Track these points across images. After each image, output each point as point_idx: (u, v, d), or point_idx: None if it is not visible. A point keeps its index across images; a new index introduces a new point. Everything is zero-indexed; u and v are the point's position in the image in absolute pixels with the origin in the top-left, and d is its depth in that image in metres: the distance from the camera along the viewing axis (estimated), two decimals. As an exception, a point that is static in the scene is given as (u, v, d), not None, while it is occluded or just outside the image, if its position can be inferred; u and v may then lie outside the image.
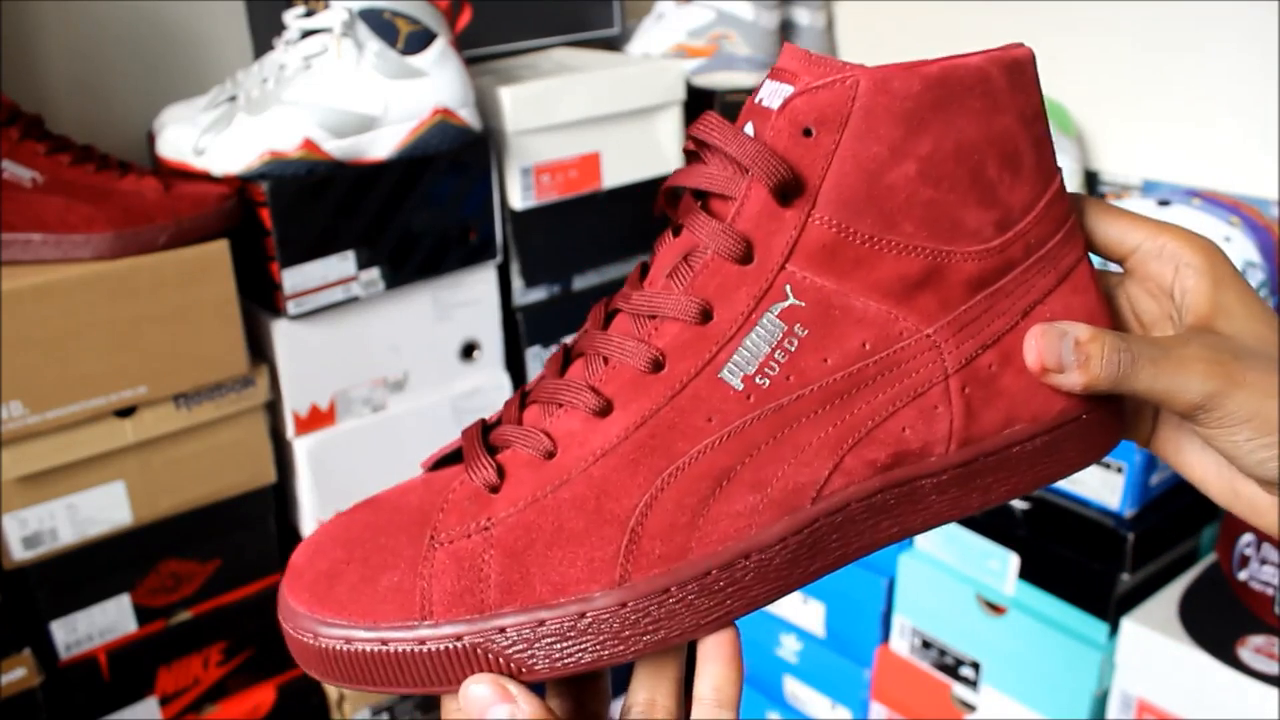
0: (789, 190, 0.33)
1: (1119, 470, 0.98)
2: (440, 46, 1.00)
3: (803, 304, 0.33)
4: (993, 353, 0.34)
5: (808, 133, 0.32)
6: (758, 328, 0.33)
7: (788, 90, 0.33)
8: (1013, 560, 1.06)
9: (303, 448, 1.05)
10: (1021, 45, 0.34)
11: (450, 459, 0.38)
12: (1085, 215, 0.39)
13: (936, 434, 0.34)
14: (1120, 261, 0.40)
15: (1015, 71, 0.34)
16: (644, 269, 0.38)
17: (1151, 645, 0.95)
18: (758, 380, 0.33)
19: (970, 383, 0.34)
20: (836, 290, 0.33)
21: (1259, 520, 0.37)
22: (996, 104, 0.33)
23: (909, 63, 0.32)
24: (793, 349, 0.33)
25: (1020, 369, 0.35)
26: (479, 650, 0.32)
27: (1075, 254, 0.37)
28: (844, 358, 0.33)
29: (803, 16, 1.36)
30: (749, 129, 0.34)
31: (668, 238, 0.37)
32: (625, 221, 1.21)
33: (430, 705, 1.21)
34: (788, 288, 0.33)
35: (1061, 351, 0.34)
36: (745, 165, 0.33)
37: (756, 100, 0.35)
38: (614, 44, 1.37)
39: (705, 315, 0.33)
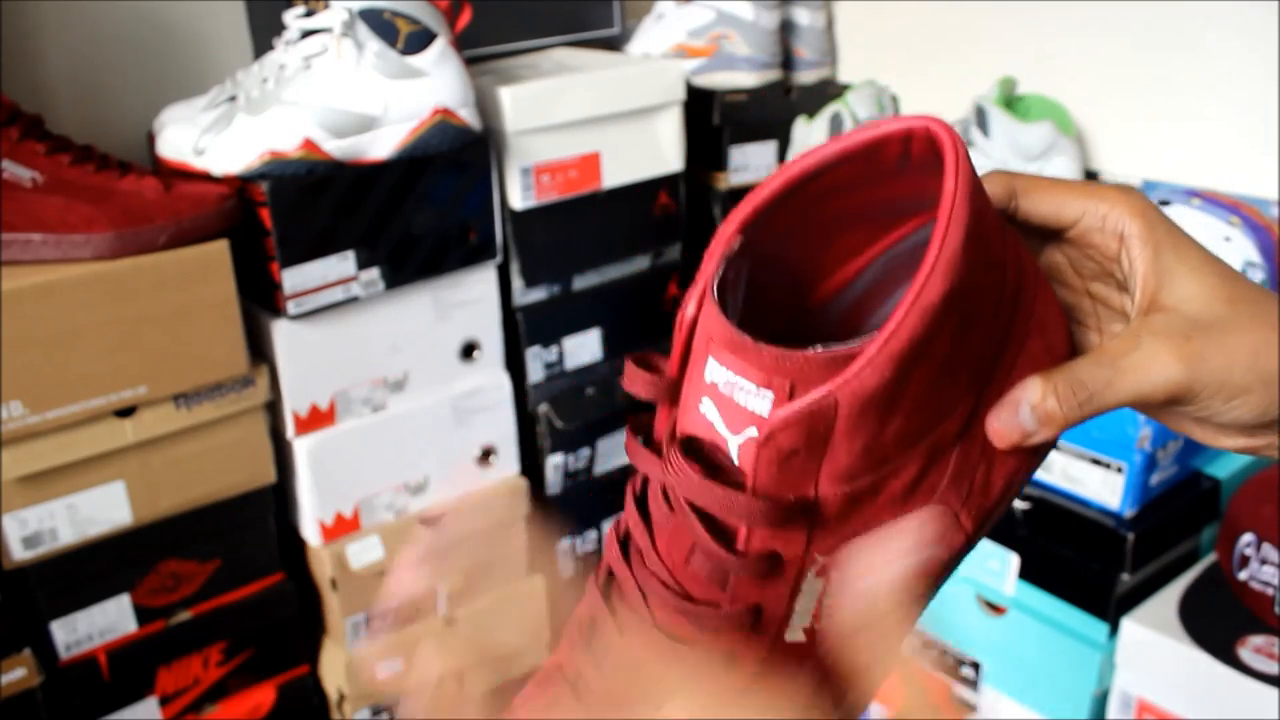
0: (791, 512, 0.33)
1: (1119, 470, 0.98)
2: (440, 46, 1.00)
3: (830, 557, 0.34)
4: (983, 463, 0.35)
5: (795, 454, 0.32)
6: (801, 596, 0.34)
7: (758, 399, 0.32)
8: (1013, 560, 1.06)
9: (303, 448, 1.05)
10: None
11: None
12: (1019, 198, 0.39)
13: (957, 543, 0.36)
14: (1062, 233, 0.39)
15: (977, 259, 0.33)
16: (649, 527, 0.37)
17: (1151, 645, 0.95)
18: (817, 625, 0.35)
19: (975, 501, 0.36)
20: (856, 536, 0.34)
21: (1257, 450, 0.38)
22: (972, 314, 0.33)
23: (877, 345, 0.30)
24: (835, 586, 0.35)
25: (999, 459, 0.36)
26: None
27: (1027, 308, 0.36)
28: None
29: (803, 16, 1.36)
30: (713, 413, 0.33)
31: (670, 517, 0.36)
32: (625, 221, 1.21)
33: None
34: (818, 555, 0.34)
35: (1022, 423, 0.35)
36: (743, 520, 0.33)
37: (710, 383, 0.33)
38: (614, 44, 1.37)
39: (756, 615, 0.35)
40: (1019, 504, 1.05)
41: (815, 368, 0.31)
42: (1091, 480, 1.00)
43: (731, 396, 0.33)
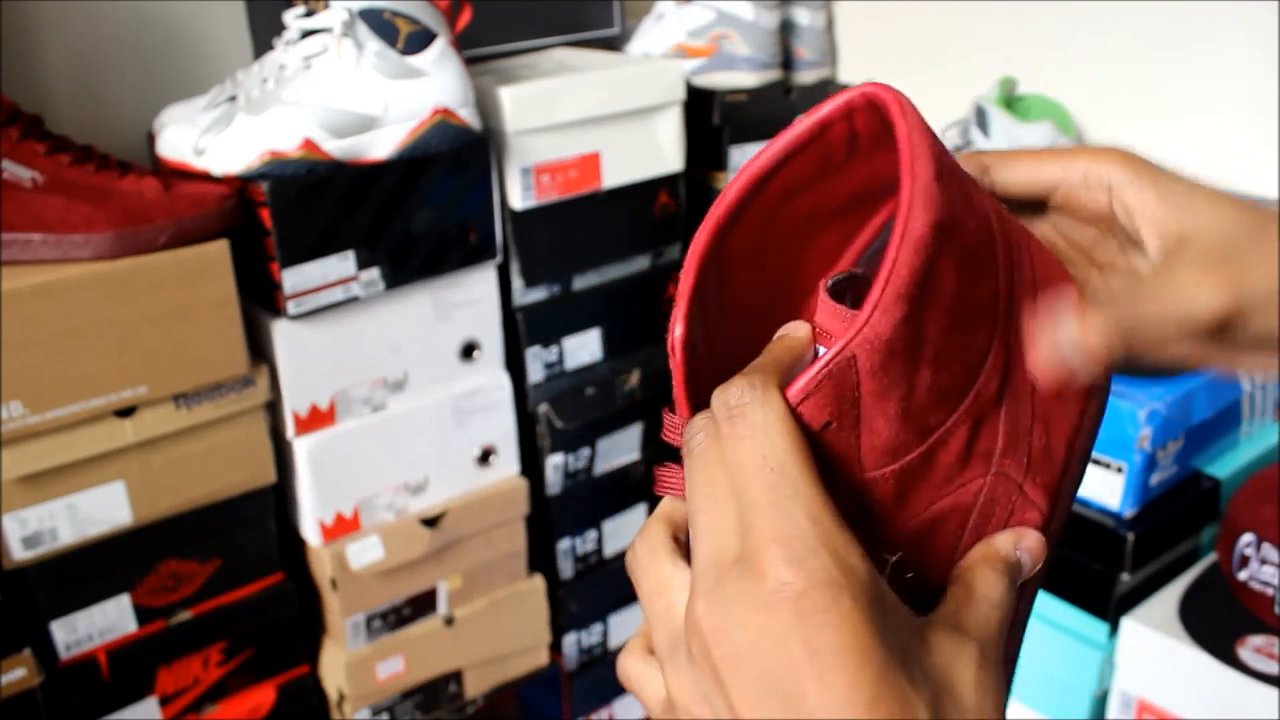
0: (849, 493, 0.31)
1: (1119, 470, 0.98)
2: (440, 46, 1.00)
3: (899, 554, 0.32)
4: (1037, 425, 0.33)
5: (829, 427, 0.30)
6: None
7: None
8: (1013, 560, 1.06)
9: (303, 448, 1.05)
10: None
11: None
12: (992, 173, 0.37)
13: (1034, 522, 0.34)
14: (1045, 201, 0.38)
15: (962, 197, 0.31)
16: None
17: (1151, 645, 0.95)
18: None
19: (1039, 470, 0.34)
20: (916, 519, 0.32)
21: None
22: (969, 255, 0.31)
23: (879, 287, 0.29)
24: (909, 590, 0.32)
25: (1055, 420, 0.34)
26: None
27: (1027, 260, 0.34)
28: (947, 556, 0.33)
29: (803, 16, 1.36)
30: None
31: None
32: (625, 221, 1.21)
33: (430, 705, 1.21)
34: (885, 556, 0.32)
35: (1066, 360, 0.33)
36: None
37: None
38: (614, 44, 1.37)
39: None
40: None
41: (837, 323, 0.30)
42: (1091, 480, 1.00)
43: None
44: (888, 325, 0.29)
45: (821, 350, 0.32)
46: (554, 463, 1.23)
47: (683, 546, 0.33)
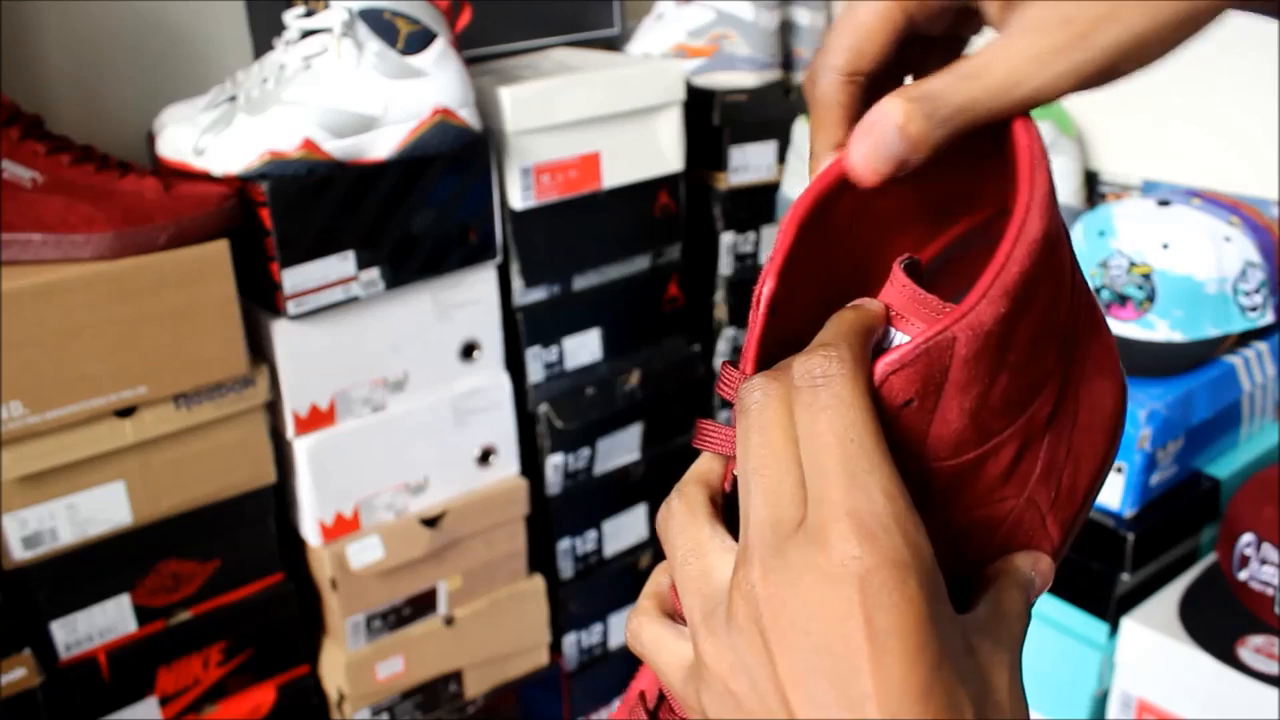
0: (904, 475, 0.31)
1: (1119, 470, 0.98)
2: (440, 46, 1.00)
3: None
4: (1069, 462, 0.33)
5: (909, 404, 0.30)
6: None
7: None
8: (1013, 560, 1.06)
9: (303, 448, 1.05)
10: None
11: None
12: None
13: (1045, 552, 0.34)
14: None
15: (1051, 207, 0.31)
16: None
17: (1151, 645, 0.95)
18: None
19: (1062, 505, 0.33)
20: (954, 527, 0.32)
21: None
22: (1059, 275, 0.31)
23: (990, 276, 0.29)
24: None
25: (1085, 462, 0.34)
26: None
27: (1087, 303, 0.34)
28: (968, 570, 0.33)
29: (803, 16, 1.36)
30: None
31: None
32: (625, 221, 1.21)
33: (430, 705, 1.21)
34: None
35: (890, 149, 0.30)
36: None
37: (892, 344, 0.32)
38: (614, 44, 1.37)
39: None
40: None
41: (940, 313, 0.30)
42: (1091, 480, 1.00)
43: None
44: (991, 317, 0.29)
45: (894, 332, 0.32)
46: (554, 463, 1.23)
47: (719, 509, 0.32)
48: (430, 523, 1.14)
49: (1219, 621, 0.94)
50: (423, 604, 1.18)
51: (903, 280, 0.32)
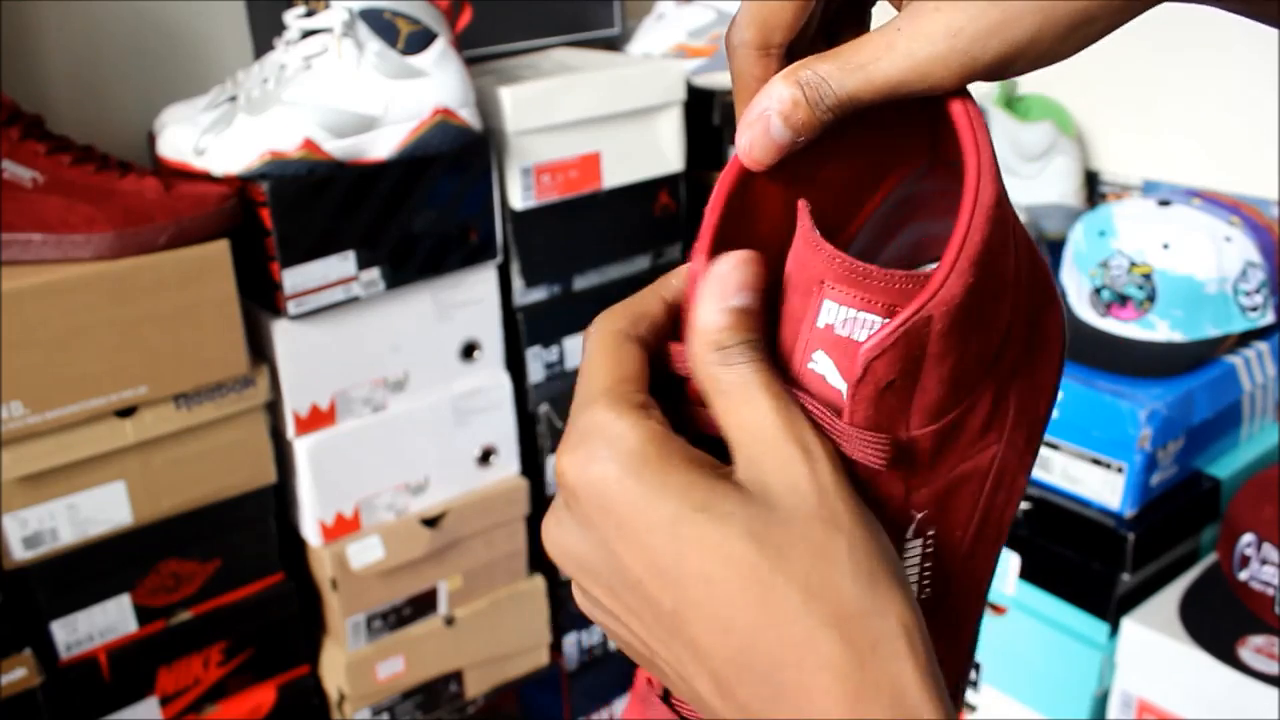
0: (892, 458, 0.32)
1: (1119, 470, 0.98)
2: (440, 46, 1.00)
3: (926, 510, 0.33)
4: (1038, 401, 0.35)
5: (891, 386, 0.30)
6: (906, 562, 0.33)
7: (862, 321, 0.31)
8: (1013, 560, 1.06)
9: (303, 448, 1.05)
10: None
11: None
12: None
13: (1023, 487, 0.35)
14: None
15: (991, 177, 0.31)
16: None
17: (1151, 645, 0.95)
18: (922, 596, 0.34)
19: (1035, 438, 0.35)
20: (943, 479, 0.33)
21: None
22: (1006, 228, 0.32)
23: (954, 249, 0.29)
24: (931, 549, 0.33)
25: (1044, 398, 0.35)
26: None
27: (1025, 243, 0.35)
28: (966, 517, 0.34)
29: (803, 16, 1.36)
30: (826, 364, 0.32)
31: None
32: (625, 221, 1.21)
33: (430, 705, 1.21)
34: (912, 510, 0.32)
35: (775, 136, 0.31)
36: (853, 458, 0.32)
37: (825, 326, 0.32)
38: (614, 44, 1.37)
39: None
40: (1019, 504, 1.05)
41: (913, 287, 0.30)
42: (1091, 480, 1.00)
43: (851, 335, 0.31)
44: (961, 288, 0.29)
45: (827, 304, 0.32)
46: (554, 463, 1.22)
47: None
48: (430, 523, 1.14)
49: (1219, 621, 0.94)
50: (423, 604, 1.18)
51: (830, 251, 0.32)
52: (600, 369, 0.32)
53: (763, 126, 0.31)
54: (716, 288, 0.32)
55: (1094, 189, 1.29)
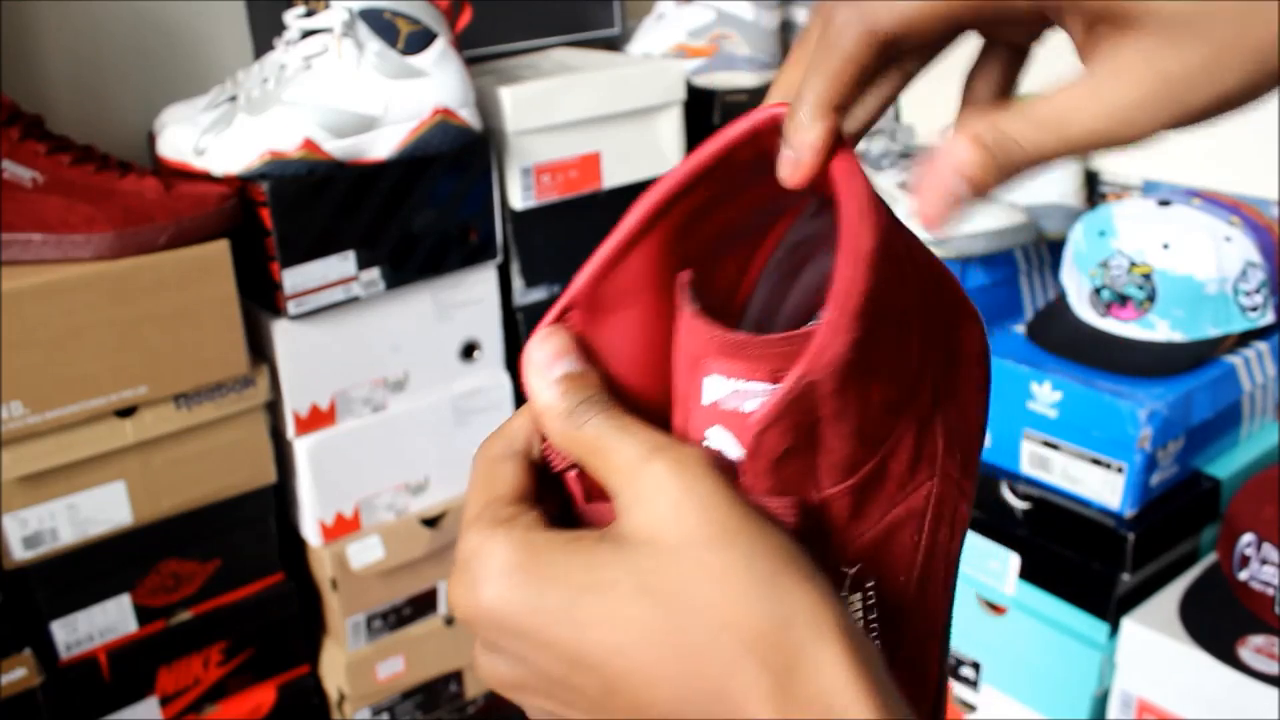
0: (803, 526, 0.30)
1: (1119, 470, 0.98)
2: (440, 46, 1.00)
3: (859, 564, 0.32)
4: (964, 423, 0.34)
5: (789, 453, 0.30)
6: None
7: (748, 391, 0.31)
8: (1013, 560, 1.06)
9: (303, 448, 1.05)
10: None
11: None
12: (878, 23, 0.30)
13: (966, 515, 0.34)
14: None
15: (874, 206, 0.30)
16: None
17: (1151, 645, 0.95)
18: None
19: (969, 461, 0.34)
20: (873, 530, 0.32)
21: None
22: (898, 262, 0.31)
23: (835, 306, 0.28)
24: (873, 601, 0.32)
25: (972, 415, 0.34)
26: None
27: (922, 253, 0.34)
28: (909, 560, 0.32)
29: (803, 16, 1.36)
30: (721, 437, 0.31)
31: None
32: (625, 221, 1.21)
33: (430, 705, 1.21)
34: (842, 569, 0.31)
35: (954, 193, 0.30)
36: None
37: (711, 404, 0.32)
38: (614, 44, 1.37)
39: None
40: (1019, 504, 1.05)
41: (793, 349, 0.29)
42: (1091, 480, 1.00)
43: (739, 407, 0.30)
44: (845, 345, 0.28)
45: (714, 379, 0.31)
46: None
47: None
48: (430, 523, 1.14)
49: (1219, 621, 0.94)
50: (423, 604, 1.18)
51: (704, 326, 0.31)
52: (471, 500, 0.31)
53: (945, 192, 0.29)
54: (534, 369, 0.32)
55: (1094, 189, 1.29)
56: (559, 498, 0.33)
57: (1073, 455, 1.01)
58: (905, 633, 0.33)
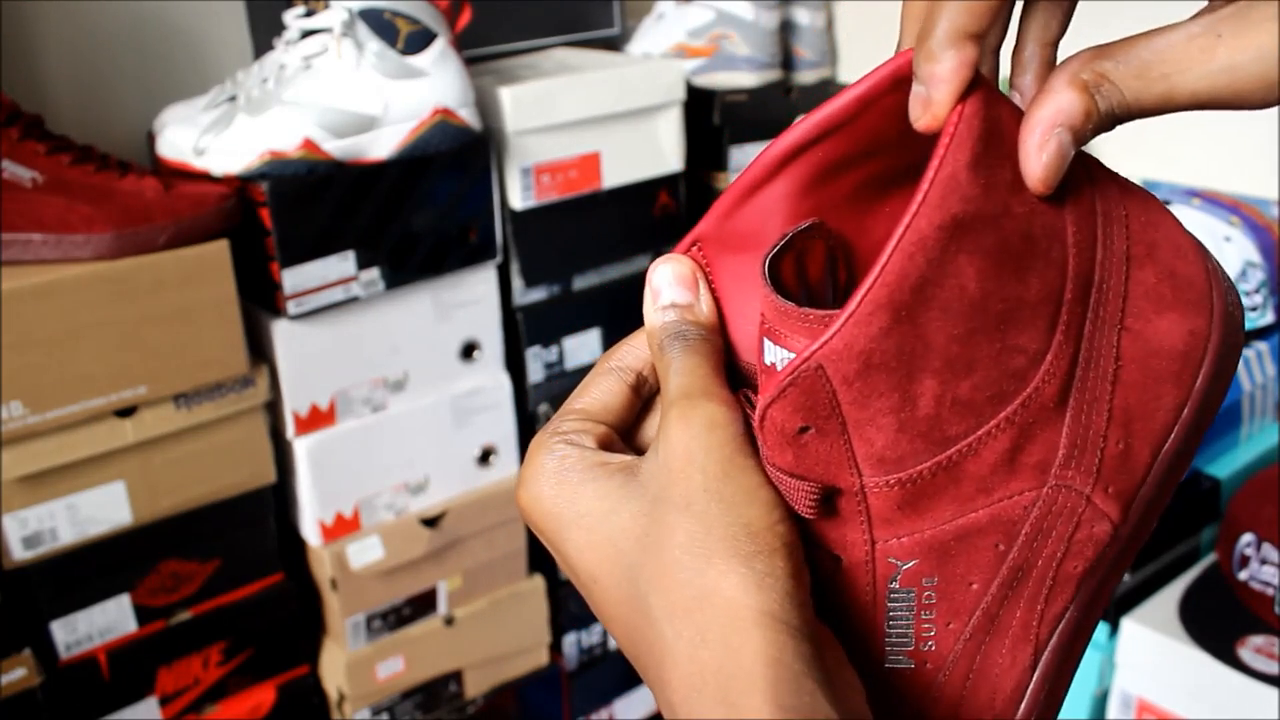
0: (829, 496, 0.29)
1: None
2: (440, 46, 1.00)
3: (915, 560, 0.30)
4: (1114, 429, 0.30)
5: (806, 432, 0.28)
6: (889, 612, 0.31)
7: (785, 360, 0.29)
8: (1013, 560, 1.06)
9: (303, 448, 1.05)
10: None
11: None
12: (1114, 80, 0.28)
13: (1102, 536, 0.31)
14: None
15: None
16: None
17: (1151, 645, 0.95)
18: (924, 648, 0.31)
19: (1112, 478, 0.30)
20: (937, 529, 0.30)
21: None
22: (1005, 249, 0.28)
23: (858, 296, 0.27)
24: (933, 600, 0.30)
25: (1140, 423, 0.30)
26: None
27: (1121, 232, 0.30)
28: (986, 571, 0.30)
29: (803, 16, 1.36)
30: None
31: None
32: (625, 221, 1.21)
33: (430, 705, 1.21)
34: (891, 560, 0.30)
35: (1063, 150, 0.27)
36: None
37: (770, 364, 0.30)
38: (614, 44, 1.37)
39: (836, 628, 0.31)
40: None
41: (820, 328, 0.28)
42: (1091, 480, 1.00)
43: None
44: (863, 337, 0.27)
45: (769, 346, 0.30)
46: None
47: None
48: (430, 523, 1.14)
49: (1219, 621, 0.94)
50: (423, 604, 1.18)
51: (764, 288, 0.30)
52: (572, 395, 0.34)
53: (1056, 145, 0.27)
54: (650, 288, 0.33)
55: (1094, 189, 1.29)
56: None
57: (1072, 455, 1.00)
58: (985, 643, 0.31)
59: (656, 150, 1.20)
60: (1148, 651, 0.95)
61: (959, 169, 0.26)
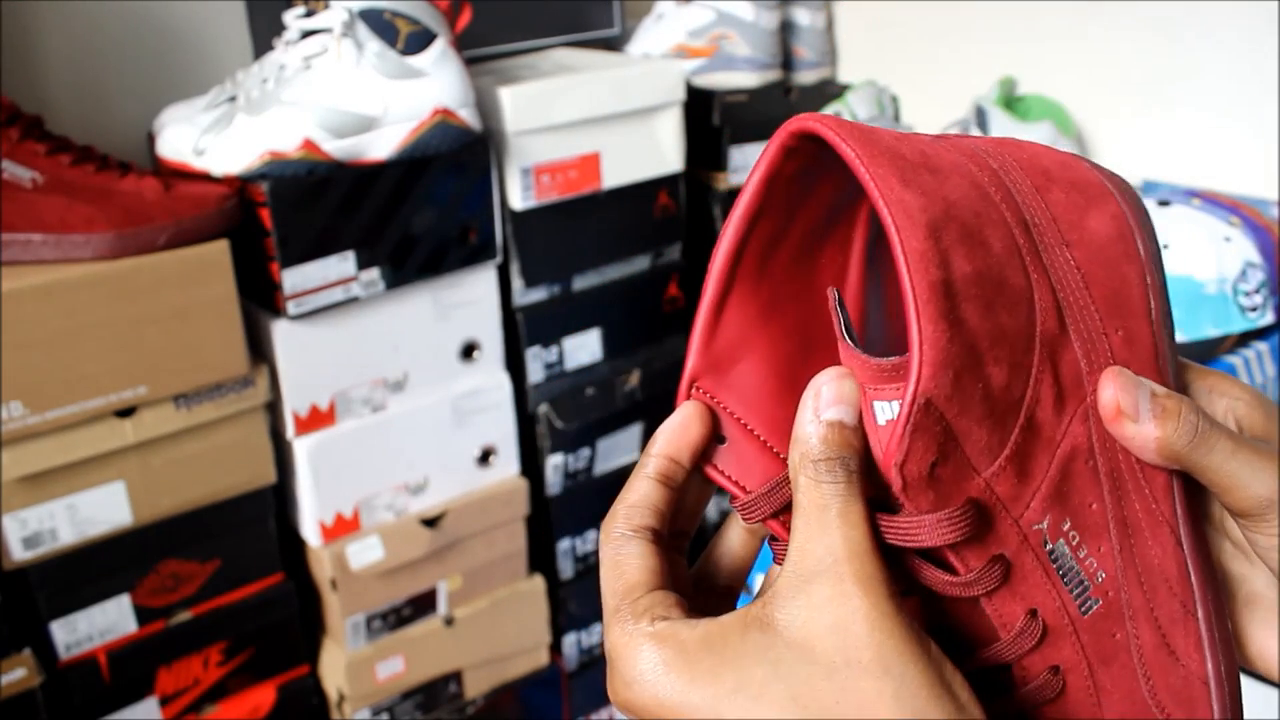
0: (973, 507, 0.31)
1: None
2: (440, 46, 1.00)
3: (1049, 516, 0.32)
4: (1108, 322, 0.34)
5: (934, 465, 0.31)
6: (1060, 571, 0.33)
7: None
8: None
9: (303, 448, 1.05)
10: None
11: None
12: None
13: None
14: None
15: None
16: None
17: (1151, 645, 0.95)
18: (1099, 580, 0.33)
19: (1127, 361, 0.34)
20: (1045, 479, 0.32)
21: None
22: (971, 223, 0.32)
23: (916, 322, 0.30)
24: (1078, 539, 0.33)
25: (1122, 304, 0.34)
26: None
27: (1016, 169, 0.35)
28: (1094, 488, 0.33)
29: (803, 16, 1.36)
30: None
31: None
32: (625, 222, 1.21)
33: (430, 705, 1.21)
34: (1035, 527, 0.32)
35: (1138, 399, 0.32)
36: (935, 539, 0.32)
37: (888, 422, 0.32)
38: (614, 44, 1.37)
39: (1033, 614, 0.33)
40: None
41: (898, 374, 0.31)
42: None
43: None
44: (939, 352, 0.30)
45: (874, 403, 0.32)
46: (554, 463, 1.23)
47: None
48: (430, 523, 1.14)
49: (1219, 622, 0.94)
50: (423, 604, 1.18)
51: (852, 353, 0.32)
52: (606, 586, 0.32)
53: (1134, 387, 0.32)
54: (812, 397, 0.32)
55: (1094, 189, 1.29)
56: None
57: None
58: (1135, 552, 0.33)
59: (656, 151, 1.20)
60: (1148, 652, 0.95)
61: (899, 195, 0.30)
